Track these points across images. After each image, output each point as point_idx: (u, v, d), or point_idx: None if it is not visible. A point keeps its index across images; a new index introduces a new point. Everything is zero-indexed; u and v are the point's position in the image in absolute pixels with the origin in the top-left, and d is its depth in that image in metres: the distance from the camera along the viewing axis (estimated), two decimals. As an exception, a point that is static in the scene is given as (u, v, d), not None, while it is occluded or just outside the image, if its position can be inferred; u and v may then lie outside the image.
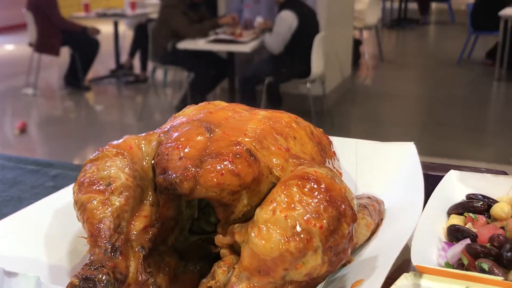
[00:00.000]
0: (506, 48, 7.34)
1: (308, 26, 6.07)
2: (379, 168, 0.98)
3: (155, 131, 0.84)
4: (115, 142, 0.82)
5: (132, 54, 8.41)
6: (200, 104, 0.89)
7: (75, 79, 7.81)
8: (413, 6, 12.57)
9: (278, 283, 0.68)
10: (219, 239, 0.73)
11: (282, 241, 0.66)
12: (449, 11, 12.29)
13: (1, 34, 11.96)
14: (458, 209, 0.88)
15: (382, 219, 0.89)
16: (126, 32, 8.99)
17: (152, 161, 0.80)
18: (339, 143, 0.96)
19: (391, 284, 0.68)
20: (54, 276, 0.79)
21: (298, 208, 0.67)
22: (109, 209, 0.73)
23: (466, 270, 0.73)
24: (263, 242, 0.66)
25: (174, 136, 0.76)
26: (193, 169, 0.71)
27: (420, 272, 0.69)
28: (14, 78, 8.30)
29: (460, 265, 0.76)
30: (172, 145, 0.74)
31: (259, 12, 7.06)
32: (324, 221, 0.67)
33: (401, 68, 8.82)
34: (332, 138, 0.95)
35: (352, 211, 0.71)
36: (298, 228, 0.66)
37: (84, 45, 7.77)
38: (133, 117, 7.26)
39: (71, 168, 1.24)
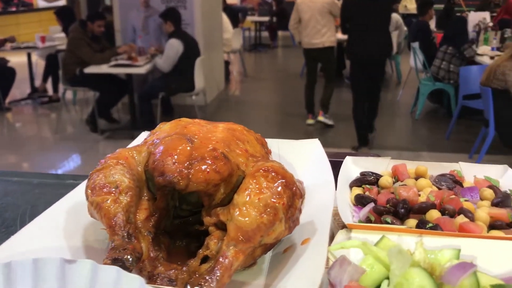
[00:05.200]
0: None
1: (191, 51, 6.13)
2: (297, 158, 1.05)
3: (142, 144, 0.86)
4: (112, 155, 0.82)
5: (45, 79, 7.95)
6: (172, 121, 0.91)
7: (-4, 102, 7.27)
8: (265, 34, 12.93)
9: (256, 246, 0.73)
10: (207, 219, 0.77)
11: (258, 216, 0.71)
12: (291, 37, 12.77)
13: None
14: (357, 183, 0.96)
15: (304, 194, 0.96)
16: (38, 61, 8.46)
17: (144, 167, 0.81)
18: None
19: (330, 241, 0.75)
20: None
21: (266, 192, 0.73)
22: (120, 206, 0.74)
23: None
24: (245, 218, 0.71)
25: (164, 147, 0.78)
26: (185, 170, 0.74)
27: (350, 228, 0.77)
28: None
29: (368, 221, 0.84)
30: (165, 154, 0.77)
31: (150, 41, 6.97)
32: (284, 199, 0.73)
33: (261, 81, 9.06)
34: None
35: (299, 190, 0.78)
36: (268, 206, 0.72)
37: (1, 73, 7.25)
38: (49, 131, 6.88)
39: (50, 177, 1.20)
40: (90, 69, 6.22)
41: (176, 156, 0.76)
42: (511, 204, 0.85)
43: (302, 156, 1.05)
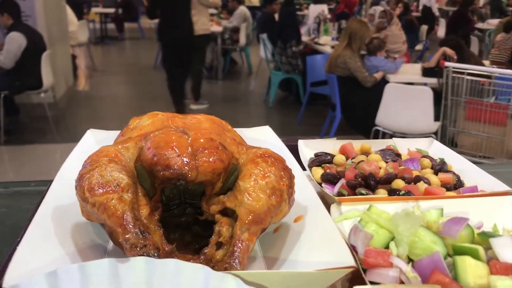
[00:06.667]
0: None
1: (35, 45, 5.67)
2: (256, 144, 1.08)
3: (125, 139, 0.83)
4: (98, 153, 0.78)
5: None
6: (148, 115, 0.89)
7: None
8: (111, 26, 12.39)
9: (266, 227, 0.77)
10: (213, 208, 0.78)
11: (268, 199, 0.75)
12: (139, 29, 12.48)
13: None
14: (315, 163, 1.04)
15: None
16: None
17: (134, 163, 0.79)
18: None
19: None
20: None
21: (270, 176, 0.77)
22: (126, 204, 0.72)
23: (349, 197, 0.90)
24: (256, 202, 0.74)
25: (160, 141, 0.77)
26: (192, 162, 0.75)
27: (340, 202, 0.84)
28: None
29: (341, 195, 0.92)
30: (165, 147, 0.76)
31: (-16, 35, 6.25)
32: (285, 180, 0.78)
33: (112, 75, 8.67)
34: None
35: (291, 171, 0.83)
36: (275, 189, 0.76)
37: None
38: None
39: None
40: None
41: (177, 149, 0.76)
42: (448, 169, 1.00)
43: (260, 143, 1.09)
